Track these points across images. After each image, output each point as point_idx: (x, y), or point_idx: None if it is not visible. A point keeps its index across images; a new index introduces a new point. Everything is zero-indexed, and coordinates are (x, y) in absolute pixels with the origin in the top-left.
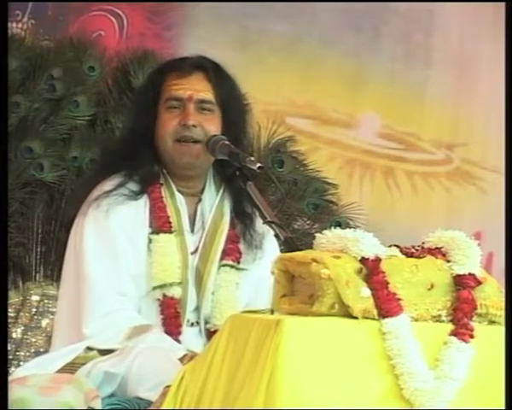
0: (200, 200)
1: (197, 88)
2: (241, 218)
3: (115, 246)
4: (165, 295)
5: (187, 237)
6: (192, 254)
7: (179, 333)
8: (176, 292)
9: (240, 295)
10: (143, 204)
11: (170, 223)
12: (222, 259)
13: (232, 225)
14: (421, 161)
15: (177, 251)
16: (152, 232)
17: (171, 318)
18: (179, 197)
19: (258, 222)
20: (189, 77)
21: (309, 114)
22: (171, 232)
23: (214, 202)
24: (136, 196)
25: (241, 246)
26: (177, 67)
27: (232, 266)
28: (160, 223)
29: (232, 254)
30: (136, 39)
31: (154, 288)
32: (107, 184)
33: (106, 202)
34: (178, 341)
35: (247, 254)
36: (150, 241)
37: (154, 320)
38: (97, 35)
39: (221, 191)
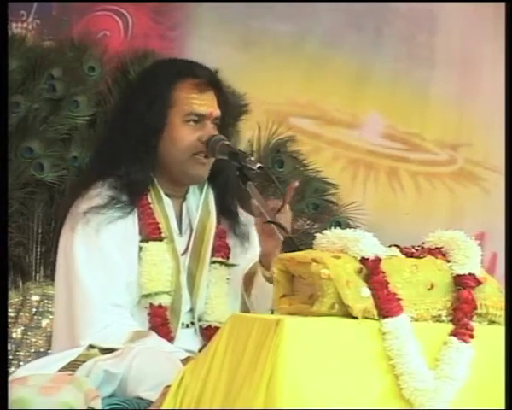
0: (184, 199)
1: (213, 105)
2: (227, 213)
3: (107, 258)
4: (151, 305)
5: (177, 241)
6: (182, 255)
7: (171, 340)
8: (163, 300)
9: (230, 290)
10: (132, 213)
11: (159, 229)
12: (211, 256)
13: (218, 221)
14: (425, 162)
15: (167, 258)
16: (142, 240)
17: (158, 326)
18: (166, 200)
19: (242, 214)
20: (207, 93)
21: (312, 114)
22: (161, 239)
23: (199, 201)
24: (126, 207)
25: (229, 241)
26: (192, 76)
27: (222, 263)
28: (150, 230)
29: (221, 250)
30: (140, 39)
31: (143, 296)
32: (96, 197)
33: (96, 218)
34: None
35: (235, 247)
36: (140, 249)
37: (146, 328)
38: (102, 35)
39: (205, 189)
